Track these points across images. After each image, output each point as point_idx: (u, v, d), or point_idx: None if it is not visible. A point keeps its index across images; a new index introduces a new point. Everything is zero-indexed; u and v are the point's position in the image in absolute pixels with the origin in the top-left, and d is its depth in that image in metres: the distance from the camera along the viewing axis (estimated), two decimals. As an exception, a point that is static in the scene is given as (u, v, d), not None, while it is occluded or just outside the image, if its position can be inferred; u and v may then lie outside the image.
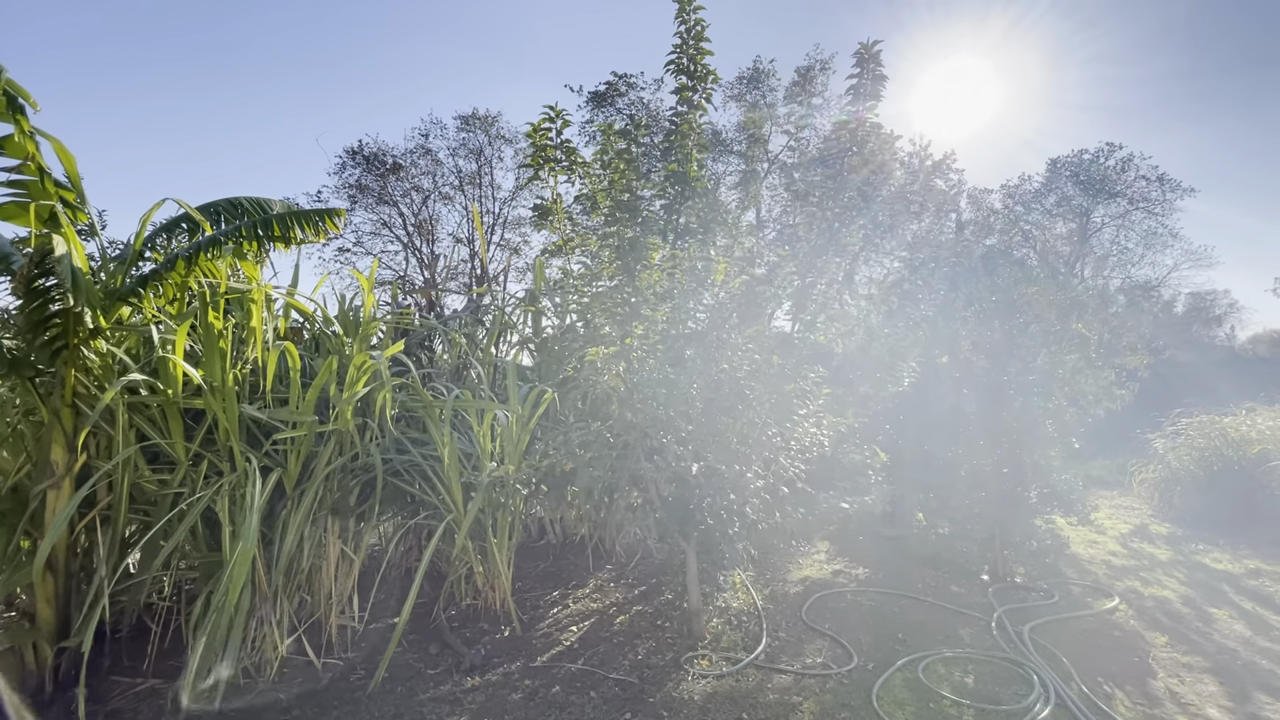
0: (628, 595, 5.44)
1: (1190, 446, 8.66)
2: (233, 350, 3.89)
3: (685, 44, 3.48)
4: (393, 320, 5.20)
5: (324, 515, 4.05)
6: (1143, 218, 30.00)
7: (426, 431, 5.05)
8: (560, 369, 3.78)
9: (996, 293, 6.33)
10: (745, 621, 4.83)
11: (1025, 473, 5.84)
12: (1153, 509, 8.92)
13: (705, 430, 4.09)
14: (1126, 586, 5.65)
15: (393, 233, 21.44)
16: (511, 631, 4.66)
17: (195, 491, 3.66)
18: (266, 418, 3.77)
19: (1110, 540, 7.22)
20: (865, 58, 3.73)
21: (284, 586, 3.94)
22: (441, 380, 5.78)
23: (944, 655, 4.21)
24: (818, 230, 3.88)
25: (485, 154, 23.23)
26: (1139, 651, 4.35)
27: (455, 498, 4.48)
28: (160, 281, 3.76)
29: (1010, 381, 5.65)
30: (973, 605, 5.14)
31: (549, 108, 3.47)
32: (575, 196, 3.99)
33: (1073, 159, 30.50)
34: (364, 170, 20.99)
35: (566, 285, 3.93)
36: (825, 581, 5.78)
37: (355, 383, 3.87)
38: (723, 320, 3.98)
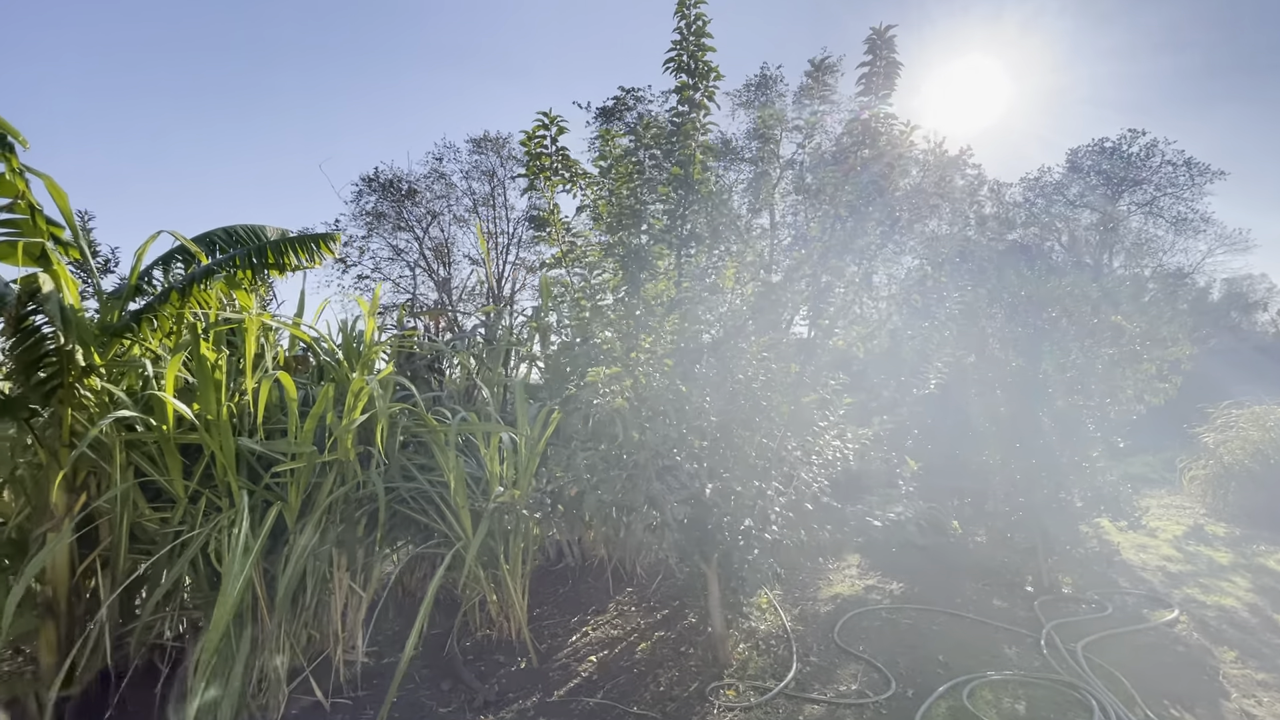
0: (649, 620, 5.20)
1: (1244, 440, 8.16)
2: (230, 382, 3.79)
3: (685, 40, 3.32)
4: (396, 344, 5.09)
5: (328, 548, 3.90)
6: (1171, 203, 29.06)
7: (434, 456, 4.91)
8: (563, 386, 3.61)
9: (1025, 286, 6.03)
10: (773, 645, 4.57)
11: (1066, 475, 5.49)
12: (1206, 507, 8.42)
13: (721, 446, 3.87)
14: (1186, 595, 5.25)
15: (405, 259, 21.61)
16: (528, 663, 4.45)
17: (195, 529, 3.55)
18: (264, 449, 3.65)
19: (1163, 544, 6.78)
20: (878, 43, 3.52)
21: (289, 623, 3.80)
22: (451, 402, 5.66)
23: (990, 678, 3.90)
24: (831, 229, 3.66)
25: (498, 175, 23.40)
26: (1206, 669, 3.98)
27: (464, 525, 4.32)
28: (155, 315, 3.69)
29: (1046, 380, 5.33)
30: (1018, 620, 4.80)
31: (543, 114, 3.33)
32: (577, 208, 3.85)
33: (1093, 147, 29.72)
34: (380, 197, 21.27)
35: (566, 299, 3.77)
36: (858, 599, 5.48)
37: (353, 410, 3.75)
38: (737, 329, 3.77)
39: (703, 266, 3.66)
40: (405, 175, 21.31)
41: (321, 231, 4.42)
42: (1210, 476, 8.50)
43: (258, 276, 3.90)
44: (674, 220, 3.49)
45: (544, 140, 3.44)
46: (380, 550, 4.57)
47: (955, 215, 4.41)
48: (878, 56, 3.68)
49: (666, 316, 3.30)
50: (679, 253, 3.56)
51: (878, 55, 3.67)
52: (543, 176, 3.46)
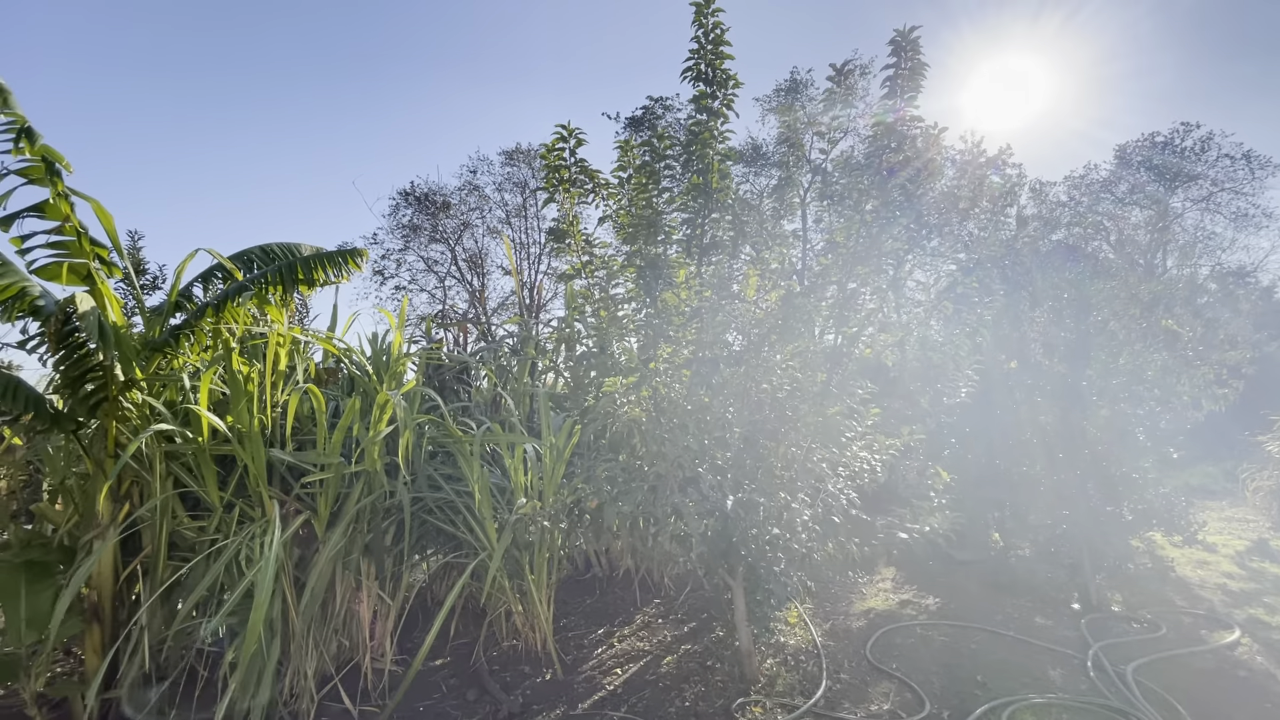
0: (676, 633, 5.14)
1: (1313, 449, 7.66)
2: (264, 395, 3.90)
3: (703, 48, 3.29)
4: (424, 356, 5.18)
5: (355, 557, 3.97)
6: (1230, 199, 27.60)
7: (460, 466, 4.96)
8: (582, 399, 3.61)
9: (1069, 289, 5.78)
10: (803, 661, 4.45)
11: (1116, 487, 5.23)
12: (1271, 520, 7.92)
13: (745, 457, 3.81)
14: (1249, 615, 4.92)
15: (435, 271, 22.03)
16: (553, 675, 4.44)
17: (229, 537, 3.66)
18: (294, 460, 3.74)
19: (1224, 560, 6.39)
20: (902, 45, 3.43)
21: (318, 631, 3.87)
22: (478, 413, 5.72)
23: (1032, 701, 3.72)
24: (857, 234, 3.57)
25: (529, 186, 23.76)
26: (1272, 696, 3.72)
27: (489, 535, 4.34)
28: (193, 330, 3.82)
29: (1091, 386, 5.10)
30: (1063, 640, 4.57)
31: (561, 127, 3.34)
32: (600, 219, 3.85)
33: (1144, 142, 28.48)
34: (416, 210, 21.81)
35: (585, 309, 3.77)
36: (891, 614, 5.31)
37: (379, 421, 3.81)
38: (761, 338, 3.71)
39: (724, 275, 3.62)
40: (440, 188, 21.80)
41: (352, 247, 4.52)
42: (1276, 488, 7.99)
43: (288, 292, 4.01)
44: (693, 229, 3.45)
45: (563, 153, 3.46)
46: (408, 559, 4.63)
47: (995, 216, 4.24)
48: (902, 59, 3.59)
49: (686, 326, 3.26)
50: (699, 262, 3.53)
51: (902, 58, 3.58)
52: (562, 189, 3.47)
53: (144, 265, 7.89)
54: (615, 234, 3.96)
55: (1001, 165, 4.68)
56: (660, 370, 3.17)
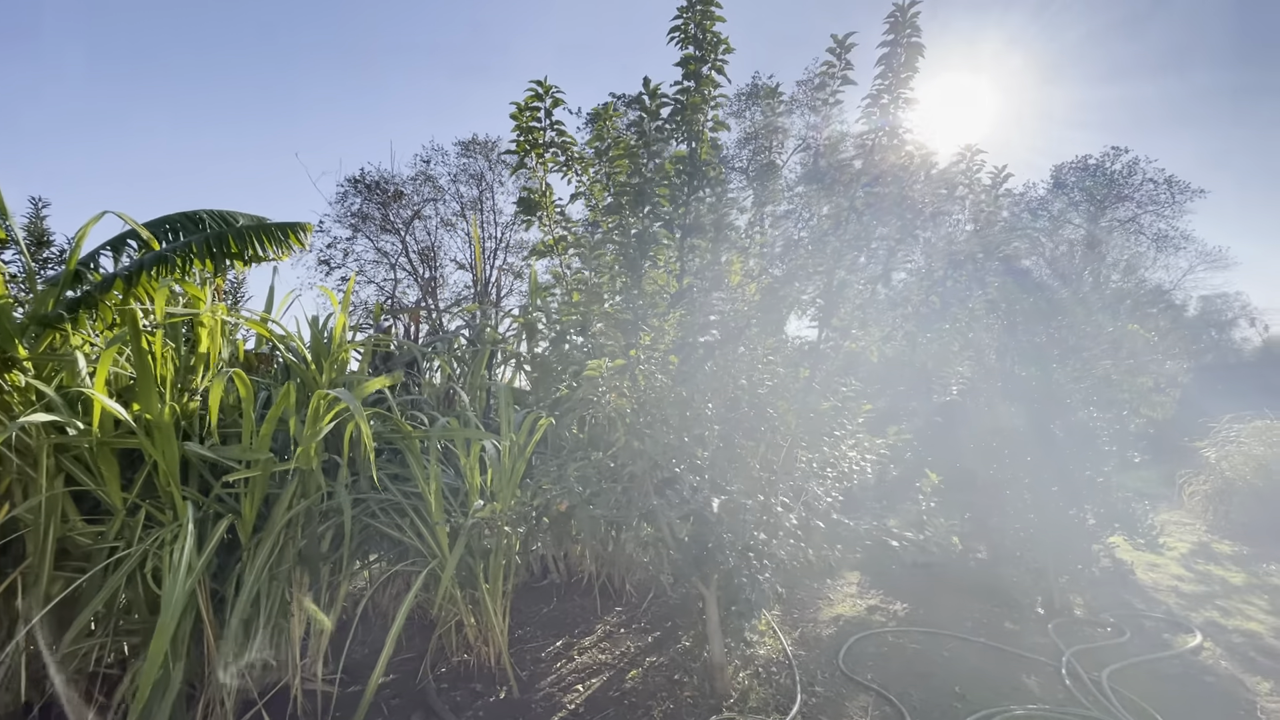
0: (640, 643, 4.83)
1: (1247, 455, 8.00)
2: (179, 380, 3.40)
3: (691, 6, 3.01)
4: (370, 343, 4.71)
5: (286, 567, 3.51)
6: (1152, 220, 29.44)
7: (409, 465, 4.53)
8: (554, 388, 3.27)
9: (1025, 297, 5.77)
10: (774, 673, 4.22)
11: (1080, 491, 5.23)
12: (1207, 524, 8.23)
13: (723, 456, 3.54)
14: (1206, 618, 4.99)
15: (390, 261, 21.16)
16: (508, 693, 4.07)
17: (133, 544, 3.15)
18: (214, 456, 3.26)
19: (1171, 562, 6.55)
20: (900, 22, 3.24)
21: (240, 649, 3.39)
22: (429, 407, 5.28)
23: (1014, 713, 3.58)
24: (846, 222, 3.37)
25: (486, 179, 23.10)
26: (1242, 703, 3.71)
27: (440, 541, 3.94)
28: (95, 305, 3.29)
29: (1062, 390, 5.08)
30: (1034, 646, 4.50)
31: (536, 83, 3.00)
32: (571, 195, 3.52)
33: (1077, 164, 30.09)
34: (366, 199, 20.84)
35: (558, 290, 3.44)
36: (861, 620, 5.16)
37: (319, 415, 3.37)
38: (740, 330, 3.46)
39: (706, 261, 3.35)
40: (391, 177, 20.92)
41: (296, 222, 4.02)
42: (1212, 492, 8.32)
43: (218, 267, 3.51)
44: (677, 206, 3.17)
45: (538, 113, 3.11)
46: (347, 568, 4.17)
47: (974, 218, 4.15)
48: (899, 38, 3.40)
49: (673, 309, 2.98)
50: (681, 244, 3.25)
51: (899, 36, 3.40)
52: (535, 154, 3.12)
53: (49, 236, 7.06)
54: (590, 210, 3.65)
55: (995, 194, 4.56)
56: (641, 359, 2.88)
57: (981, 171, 3.66)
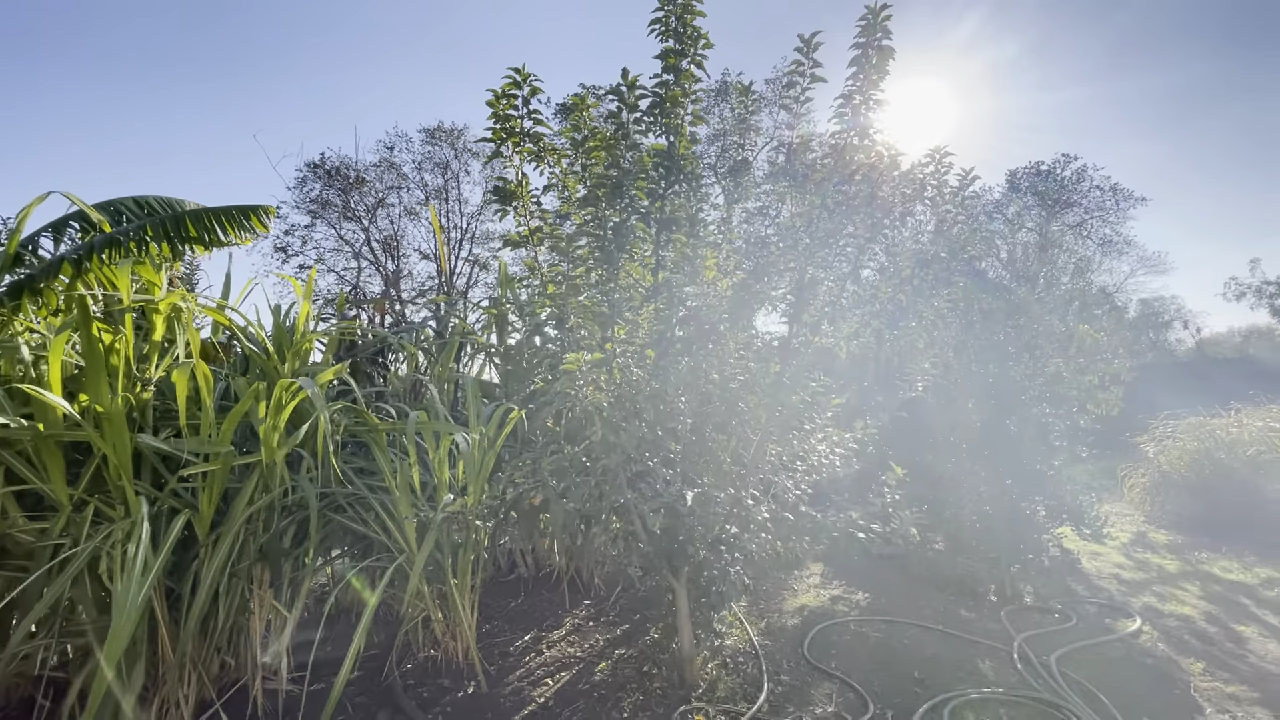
0: (609, 636, 4.85)
1: (1181, 450, 8.45)
2: (131, 370, 3.25)
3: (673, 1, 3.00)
4: (336, 333, 4.58)
5: (247, 564, 3.40)
6: (1098, 225, 30.93)
7: (375, 459, 4.44)
8: (528, 382, 3.24)
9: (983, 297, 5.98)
10: (741, 663, 4.29)
11: (1033, 484, 5.45)
12: (1145, 515, 8.68)
13: (694, 450, 3.57)
14: (1144, 604, 5.27)
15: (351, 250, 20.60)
16: (476, 688, 4.03)
17: (81, 542, 3.00)
18: (169, 449, 3.13)
19: (1113, 551, 6.89)
20: (871, 25, 3.30)
21: (198, 650, 3.27)
22: (395, 400, 5.17)
23: (970, 697, 3.73)
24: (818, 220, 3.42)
25: (452, 168, 22.66)
26: (1177, 682, 3.93)
27: (407, 536, 3.87)
28: (40, 290, 3.11)
29: (1017, 387, 5.28)
30: (988, 633, 4.69)
31: (514, 70, 2.94)
32: (545, 186, 3.48)
33: (1030, 170, 31.34)
34: (326, 185, 20.20)
35: (534, 280, 3.40)
36: (825, 610, 5.28)
37: (285, 407, 3.26)
38: (713, 325, 3.48)
39: (686, 255, 3.36)
40: (353, 163, 20.32)
41: (257, 205, 3.87)
42: (1150, 485, 8.77)
43: (175, 252, 3.36)
44: (653, 200, 3.17)
45: (515, 100, 3.06)
46: (309, 565, 4.07)
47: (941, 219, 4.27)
48: (870, 40, 3.47)
49: (643, 307, 2.98)
50: (657, 238, 3.26)
51: (870, 38, 3.46)
52: (511, 143, 3.08)
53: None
54: (563, 202, 3.61)
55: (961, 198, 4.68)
56: (617, 352, 2.87)
57: (950, 174, 3.76)
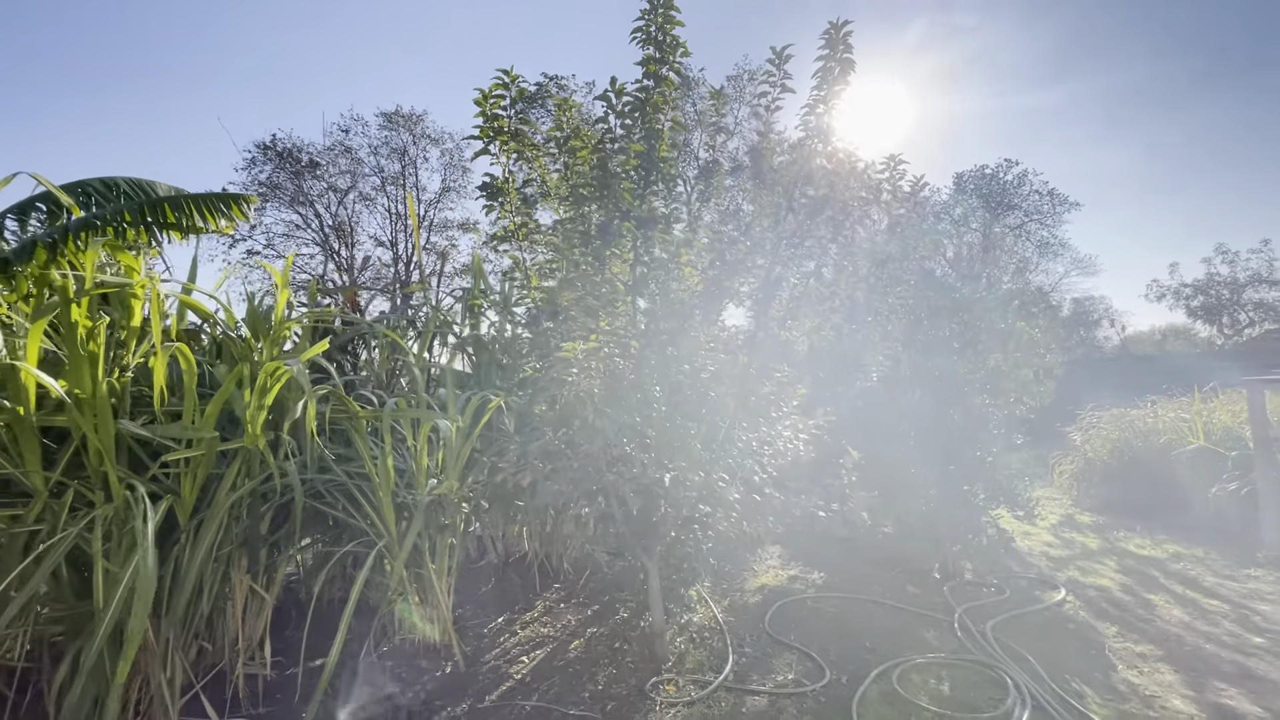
0: (580, 616, 5.04)
1: (1105, 439, 9.18)
2: (108, 356, 3.23)
3: (654, 9, 3.17)
4: (311, 320, 4.59)
5: (229, 550, 3.43)
6: (1036, 228, 32.76)
7: (350, 446, 4.48)
8: (517, 370, 3.38)
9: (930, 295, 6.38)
10: (707, 638, 4.55)
11: (973, 470, 5.89)
12: (1072, 499, 9.39)
13: (667, 436, 3.78)
14: (1068, 577, 5.79)
15: (308, 233, 20.01)
16: (454, 667, 4.17)
17: (58, 529, 2.99)
18: (153, 436, 3.14)
19: (1043, 531, 7.48)
20: (834, 39, 3.55)
21: (178, 636, 3.30)
22: (368, 388, 5.20)
23: (915, 662, 4.08)
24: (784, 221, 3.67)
25: (410, 154, 22.21)
26: (1094, 644, 4.39)
27: (387, 521, 3.96)
28: (13, 274, 3.07)
29: (961, 380, 5.69)
30: (932, 606, 5.09)
31: (503, 72, 3.06)
32: (524, 182, 3.61)
33: (976, 173, 32.86)
34: (276, 167, 19.52)
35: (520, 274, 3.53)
36: (783, 589, 5.60)
37: (268, 392, 3.30)
38: (685, 318, 3.69)
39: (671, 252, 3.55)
40: (306, 146, 19.70)
41: (237, 192, 3.87)
42: (1076, 471, 9.49)
43: (152, 237, 3.34)
44: (634, 199, 3.34)
45: (501, 101, 3.18)
46: (286, 550, 4.11)
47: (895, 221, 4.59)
48: (834, 52, 3.71)
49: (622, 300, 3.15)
50: (636, 234, 3.43)
51: (834, 51, 3.71)
52: (499, 141, 3.19)
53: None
54: (543, 198, 3.75)
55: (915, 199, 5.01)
56: (604, 341, 3.03)
57: (903, 180, 4.06)
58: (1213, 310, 35.22)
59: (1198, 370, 15.33)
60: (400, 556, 3.69)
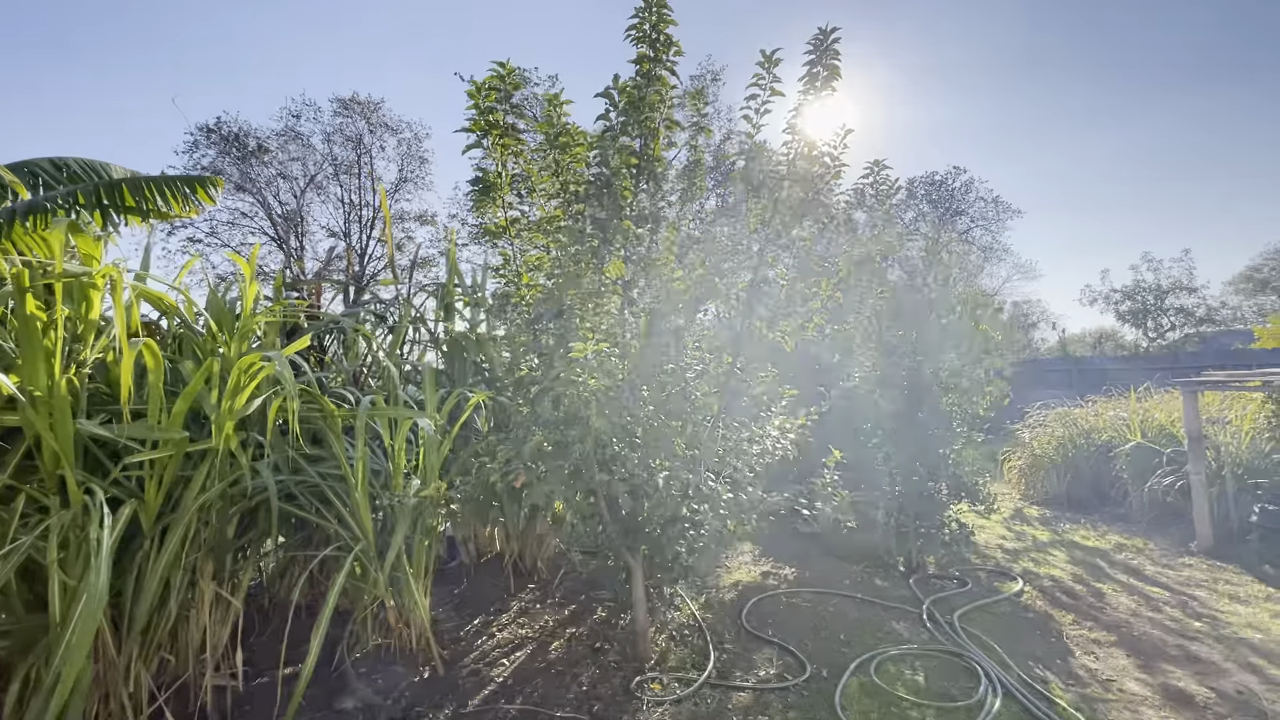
0: (557, 617, 4.99)
1: (1051, 436, 9.65)
2: (63, 350, 3.00)
3: (650, 8, 3.14)
4: (284, 314, 4.37)
5: (196, 556, 3.25)
6: (981, 234, 34.29)
7: (321, 445, 4.31)
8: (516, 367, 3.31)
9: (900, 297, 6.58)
10: (687, 635, 4.58)
11: (937, 467, 6.11)
12: (1021, 493, 9.85)
13: (654, 435, 3.78)
14: (1023, 568, 6.07)
15: (255, 222, 19.14)
16: (433, 672, 4.06)
17: (8, 537, 2.77)
18: (116, 436, 2.94)
19: (996, 525, 7.82)
20: (822, 45, 3.60)
21: (141, 648, 3.11)
22: (336, 385, 5.01)
23: (890, 654, 4.21)
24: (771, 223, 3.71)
25: (365, 142, 21.47)
26: (1053, 632, 4.62)
27: (364, 524, 3.82)
28: (-48, 259, 2.82)
29: (927, 379, 5.88)
30: (901, 598, 5.25)
31: (498, 64, 2.97)
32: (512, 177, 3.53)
33: (926, 179, 34.10)
34: (221, 152, 18.55)
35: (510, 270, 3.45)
36: (757, 585, 5.68)
37: (242, 390, 3.14)
38: (674, 316, 3.69)
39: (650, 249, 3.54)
40: (254, 131, 18.81)
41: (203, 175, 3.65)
42: (1025, 466, 9.95)
43: (108, 221, 3.12)
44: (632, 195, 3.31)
45: (493, 95, 3.09)
46: (254, 555, 3.93)
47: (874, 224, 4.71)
48: (820, 59, 3.77)
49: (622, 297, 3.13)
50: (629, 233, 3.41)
51: (820, 58, 3.76)
52: (492, 136, 3.11)
53: None
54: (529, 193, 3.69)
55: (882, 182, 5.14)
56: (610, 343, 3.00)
57: (885, 186, 4.16)
58: (1139, 315, 37.50)
59: (1131, 372, 16.32)
60: (388, 560, 3.57)
